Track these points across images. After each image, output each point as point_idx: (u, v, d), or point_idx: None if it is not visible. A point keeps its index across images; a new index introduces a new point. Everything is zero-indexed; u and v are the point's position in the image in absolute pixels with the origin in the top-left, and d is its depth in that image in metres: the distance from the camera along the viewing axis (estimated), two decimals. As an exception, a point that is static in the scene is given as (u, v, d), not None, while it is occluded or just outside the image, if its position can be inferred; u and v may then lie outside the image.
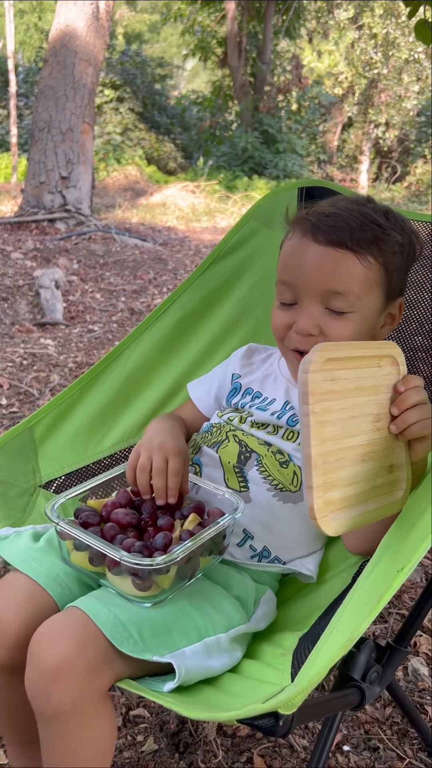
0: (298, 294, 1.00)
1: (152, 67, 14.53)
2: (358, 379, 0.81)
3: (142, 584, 0.84)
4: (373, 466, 0.83)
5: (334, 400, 0.77)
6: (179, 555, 0.83)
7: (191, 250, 6.64)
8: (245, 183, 11.58)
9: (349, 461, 0.79)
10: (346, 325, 0.99)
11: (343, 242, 0.97)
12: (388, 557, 0.74)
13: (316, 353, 0.75)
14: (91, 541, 0.85)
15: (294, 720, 0.63)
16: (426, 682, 1.40)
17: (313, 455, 0.74)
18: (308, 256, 0.99)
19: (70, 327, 3.87)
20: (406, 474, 0.88)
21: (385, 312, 1.05)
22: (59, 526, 0.88)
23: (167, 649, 0.82)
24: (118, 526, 0.93)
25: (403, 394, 0.86)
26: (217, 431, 1.12)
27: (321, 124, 15.45)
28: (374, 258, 0.98)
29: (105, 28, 6.67)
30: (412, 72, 14.23)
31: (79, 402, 1.27)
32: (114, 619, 0.81)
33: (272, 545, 1.04)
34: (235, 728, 1.28)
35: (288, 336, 1.03)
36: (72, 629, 0.79)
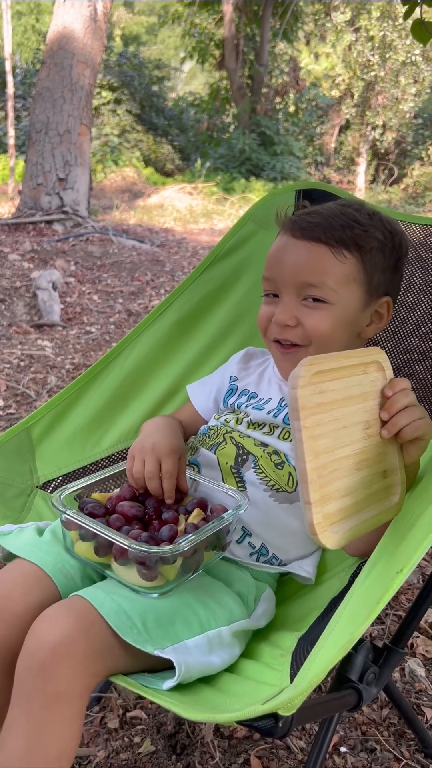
0: (278, 287, 1.05)
1: (150, 68, 14.54)
2: (346, 389, 0.81)
3: (149, 574, 0.84)
4: (368, 474, 0.83)
5: (324, 413, 0.77)
6: (186, 546, 0.84)
7: (189, 251, 6.64)
8: (243, 185, 11.59)
9: (343, 472, 0.79)
10: (323, 315, 1.02)
11: (317, 237, 1.02)
12: (387, 558, 0.75)
13: (304, 368, 0.75)
14: (99, 530, 0.86)
15: (293, 721, 0.63)
16: (423, 684, 1.40)
17: (308, 470, 0.73)
18: (286, 251, 1.05)
19: (67, 328, 3.87)
20: (401, 477, 0.88)
21: (369, 309, 1.07)
22: (66, 515, 0.89)
23: (170, 640, 0.83)
24: (123, 518, 0.93)
25: (391, 398, 0.86)
26: (214, 433, 1.13)
27: (318, 126, 15.48)
28: (350, 253, 1.02)
29: (102, 30, 6.68)
30: (409, 74, 14.27)
31: (77, 403, 1.27)
32: (118, 608, 0.81)
33: (270, 543, 1.05)
34: (233, 729, 1.28)
35: (269, 328, 1.07)
36: (77, 614, 0.79)
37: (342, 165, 15.96)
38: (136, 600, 0.84)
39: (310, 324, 1.02)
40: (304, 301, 1.03)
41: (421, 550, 0.65)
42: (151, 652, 0.80)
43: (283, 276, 1.04)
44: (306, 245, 1.03)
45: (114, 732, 1.28)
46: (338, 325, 1.03)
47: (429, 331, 1.30)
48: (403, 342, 1.33)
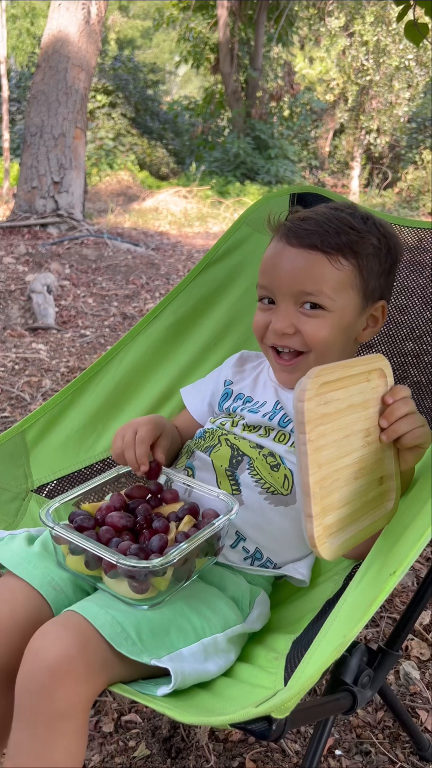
0: (274, 295, 1.05)
1: (144, 72, 14.56)
2: (349, 398, 0.81)
3: (139, 586, 0.84)
4: (365, 482, 0.83)
5: (328, 423, 0.77)
6: (176, 557, 0.83)
7: (183, 255, 6.65)
8: (237, 188, 11.62)
9: (342, 482, 0.79)
10: (321, 323, 1.02)
11: (314, 244, 1.01)
12: (380, 561, 0.75)
13: (311, 380, 0.74)
14: (87, 545, 0.85)
15: (287, 724, 0.63)
16: (417, 686, 1.40)
17: (311, 484, 0.73)
18: (282, 258, 1.04)
19: (62, 332, 3.86)
20: (396, 483, 0.88)
21: (365, 314, 1.08)
22: (54, 531, 0.88)
23: (165, 650, 0.82)
24: (113, 529, 0.93)
25: (392, 405, 0.86)
26: (210, 436, 1.13)
27: (313, 130, 15.53)
28: (346, 260, 1.02)
29: (97, 33, 6.68)
30: (402, 79, 14.33)
31: (71, 407, 1.27)
32: (112, 620, 0.81)
33: (265, 547, 1.05)
34: (228, 733, 1.28)
35: (266, 335, 1.07)
36: (73, 630, 0.79)
37: (336, 169, 16.01)
38: (130, 611, 0.84)
39: (308, 331, 1.02)
40: (301, 309, 1.03)
41: (414, 552, 0.65)
42: (147, 662, 0.80)
43: (280, 284, 1.03)
44: (302, 253, 1.02)
45: (109, 736, 1.28)
46: (336, 332, 1.03)
47: (423, 334, 1.30)
48: (397, 345, 1.33)
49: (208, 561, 0.95)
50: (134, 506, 0.99)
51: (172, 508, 1.00)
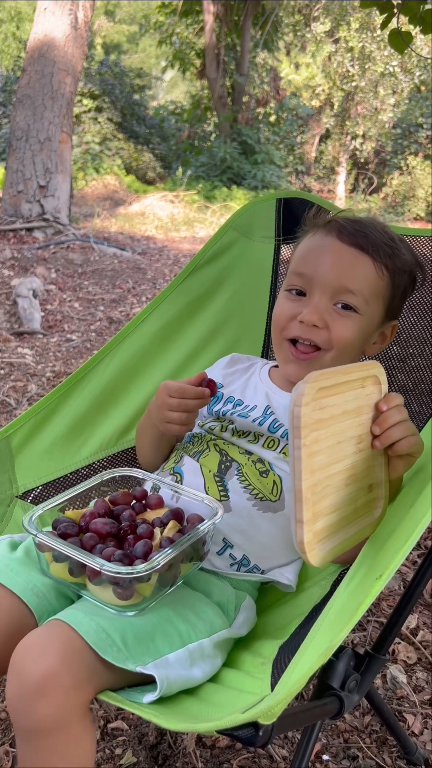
0: (311, 285, 1.04)
1: (131, 77, 14.57)
2: (344, 404, 0.81)
3: (124, 593, 0.83)
4: (355, 489, 0.83)
5: (322, 429, 0.77)
6: (160, 562, 0.82)
7: (170, 259, 6.65)
8: (224, 193, 11.64)
9: (333, 488, 0.79)
10: (350, 324, 1.02)
11: (364, 246, 1.03)
12: (367, 565, 0.75)
13: (308, 385, 0.74)
14: (70, 552, 0.84)
15: (273, 730, 0.62)
16: (404, 690, 1.41)
17: (304, 489, 0.73)
18: (329, 250, 1.04)
19: (47, 336, 3.85)
20: (384, 492, 0.88)
21: (380, 329, 1.10)
22: (38, 538, 0.87)
23: (150, 656, 0.82)
24: (97, 535, 0.92)
25: (385, 413, 0.86)
26: (198, 441, 1.12)
27: (299, 135, 15.60)
28: (387, 270, 1.04)
29: (83, 38, 6.68)
30: (387, 85, 14.46)
31: (57, 411, 1.26)
32: (97, 626, 0.80)
33: (252, 553, 1.04)
34: (215, 739, 1.27)
35: (289, 326, 1.05)
36: (57, 642, 0.78)
37: (322, 174, 16.10)
38: (115, 618, 0.83)
39: (337, 330, 1.02)
40: (334, 306, 1.03)
41: (400, 556, 0.65)
42: (132, 669, 0.79)
43: (321, 275, 1.03)
44: (351, 251, 1.03)
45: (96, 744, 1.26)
46: (360, 337, 1.04)
47: (408, 339, 1.31)
48: (383, 350, 1.34)
49: (193, 566, 0.94)
50: (118, 512, 0.98)
51: (156, 514, 1.00)
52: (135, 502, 1.03)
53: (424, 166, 13.34)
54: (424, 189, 13.01)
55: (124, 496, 1.02)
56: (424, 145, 14.20)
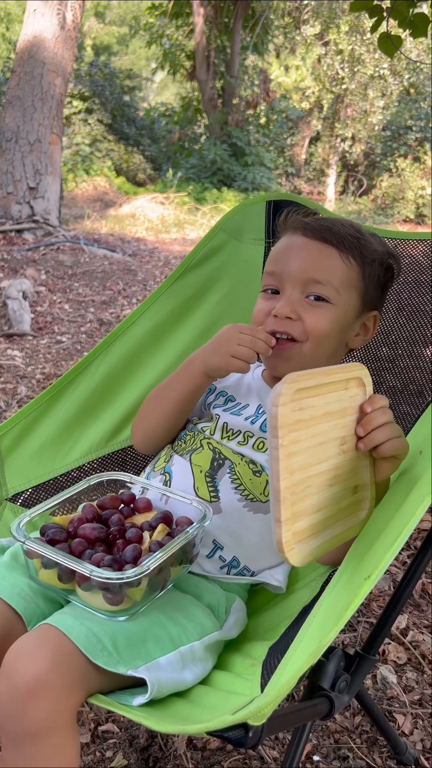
0: (282, 282, 1.07)
1: (121, 78, 14.56)
2: (326, 405, 0.80)
3: (114, 598, 0.83)
4: (339, 489, 0.83)
5: (302, 429, 0.76)
6: (150, 567, 0.82)
7: (161, 261, 6.64)
8: (214, 195, 11.65)
9: (315, 488, 0.79)
10: (323, 314, 1.05)
11: (328, 239, 1.06)
12: (355, 565, 0.75)
13: (286, 385, 0.73)
14: (59, 559, 0.83)
15: (263, 731, 0.62)
16: (394, 690, 1.41)
17: (282, 489, 0.73)
18: (296, 247, 1.08)
19: (37, 338, 3.83)
20: (370, 493, 0.88)
21: (360, 320, 1.11)
22: (26, 545, 0.87)
23: (142, 660, 0.82)
24: (86, 541, 0.91)
25: (369, 414, 0.86)
26: (191, 439, 1.12)
27: (289, 137, 15.65)
28: (355, 260, 1.07)
29: (73, 39, 6.67)
30: (377, 88, 14.52)
31: (47, 414, 1.26)
32: (87, 631, 0.80)
33: (241, 555, 1.04)
34: (206, 741, 1.27)
35: (266, 322, 1.08)
36: (48, 646, 0.77)
37: (312, 176, 16.15)
38: (105, 621, 0.83)
39: (310, 320, 1.04)
40: (306, 299, 1.05)
41: (389, 556, 0.66)
42: (123, 672, 0.79)
43: (290, 271, 1.06)
44: (316, 244, 1.07)
45: (85, 747, 1.26)
46: (336, 327, 1.06)
47: (398, 340, 1.32)
48: (372, 351, 1.34)
49: (182, 569, 0.94)
50: (107, 516, 0.98)
51: (145, 517, 0.99)
52: (123, 506, 1.02)
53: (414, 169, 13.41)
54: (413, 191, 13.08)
55: (112, 500, 1.02)
56: (414, 148, 14.29)
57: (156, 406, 1.18)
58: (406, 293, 1.32)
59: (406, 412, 1.26)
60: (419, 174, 13.30)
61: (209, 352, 1.08)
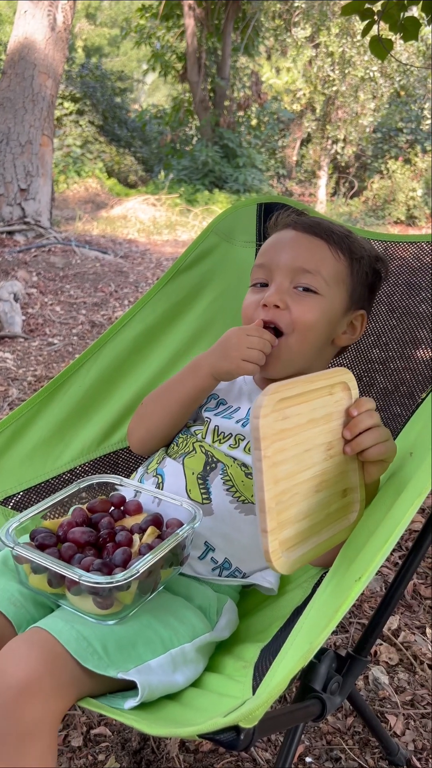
0: (271, 273, 1.09)
1: (112, 80, 14.55)
2: (310, 412, 0.80)
3: (104, 602, 0.83)
4: (327, 494, 0.83)
5: (287, 438, 0.76)
6: (139, 570, 0.82)
7: (152, 262, 6.64)
8: (206, 196, 11.65)
9: (302, 495, 0.78)
10: (311, 304, 1.06)
11: (318, 233, 1.09)
12: (346, 567, 0.75)
13: (267, 397, 0.73)
14: (48, 564, 0.83)
15: (255, 733, 0.62)
16: (386, 691, 1.41)
17: (267, 500, 0.72)
18: (285, 239, 1.11)
19: (29, 340, 3.82)
20: (360, 495, 0.88)
21: (347, 318, 1.12)
22: (15, 550, 0.86)
23: (132, 663, 0.82)
24: (75, 545, 0.90)
25: (356, 418, 0.86)
26: (184, 443, 1.12)
27: (280, 139, 15.67)
28: (343, 254, 1.09)
29: (64, 40, 6.66)
30: (367, 90, 14.58)
31: (38, 416, 1.25)
32: (77, 635, 0.79)
33: (233, 557, 1.04)
34: (198, 743, 1.27)
35: (254, 314, 1.09)
36: (38, 648, 0.77)
37: (304, 178, 16.19)
38: (96, 625, 0.83)
39: (297, 310, 1.05)
40: (295, 289, 1.06)
41: (380, 557, 0.66)
42: (114, 676, 0.79)
43: (279, 261, 1.08)
44: (306, 236, 1.09)
45: (78, 750, 1.26)
46: (323, 319, 1.07)
47: (389, 342, 1.32)
48: (363, 352, 1.35)
49: (173, 571, 0.94)
50: (97, 520, 0.97)
51: (135, 520, 0.99)
52: (113, 509, 1.02)
53: (404, 170, 13.47)
54: (404, 193, 13.13)
55: (101, 504, 1.01)
56: (404, 150, 14.35)
57: (159, 408, 1.17)
58: (397, 295, 1.32)
59: (397, 413, 1.27)
60: (410, 176, 13.35)
61: (218, 357, 1.08)
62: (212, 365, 1.09)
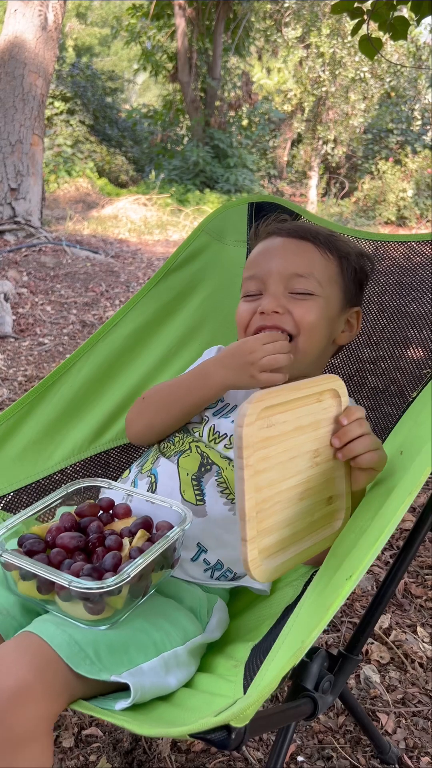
0: (264, 283, 1.09)
1: (103, 80, 14.51)
2: (297, 419, 0.79)
3: (95, 608, 0.81)
4: (311, 502, 0.82)
5: (272, 446, 0.75)
6: (130, 574, 0.81)
7: (143, 262, 6.63)
8: (197, 196, 11.65)
9: (285, 503, 0.78)
10: (311, 305, 1.06)
11: (304, 235, 1.10)
12: (337, 566, 0.75)
13: (251, 405, 0.72)
14: (37, 570, 0.82)
15: (246, 732, 0.62)
16: (377, 690, 1.42)
17: (247, 509, 0.72)
18: (273, 247, 1.11)
19: (19, 340, 3.81)
20: (346, 503, 0.88)
21: (344, 316, 1.13)
22: (3, 557, 0.85)
23: (124, 666, 0.81)
24: (64, 550, 0.89)
25: (345, 427, 0.85)
26: (180, 441, 1.12)
27: (271, 139, 15.68)
28: (331, 254, 1.10)
29: (54, 39, 6.63)
30: (358, 91, 14.60)
31: (29, 416, 1.25)
32: (69, 639, 0.79)
33: (225, 558, 1.04)
34: (190, 743, 1.27)
35: (251, 322, 1.08)
36: (29, 654, 0.76)
37: (294, 178, 16.20)
38: (87, 629, 0.82)
39: (298, 312, 1.05)
40: (291, 294, 1.07)
41: (370, 556, 0.66)
42: (107, 679, 0.78)
43: (271, 269, 1.08)
44: (293, 241, 1.10)
45: (69, 751, 1.25)
46: (323, 319, 1.07)
47: (380, 341, 1.32)
48: (354, 352, 1.35)
49: (164, 574, 0.93)
50: (86, 524, 0.96)
51: (124, 523, 0.97)
52: (102, 513, 1.00)
53: (395, 171, 13.50)
54: (394, 193, 13.16)
55: (90, 507, 1.00)
56: (395, 150, 14.39)
57: (162, 409, 1.15)
58: (387, 295, 1.33)
59: (387, 412, 1.27)
60: (400, 176, 13.38)
61: (235, 371, 1.03)
62: (227, 378, 1.05)
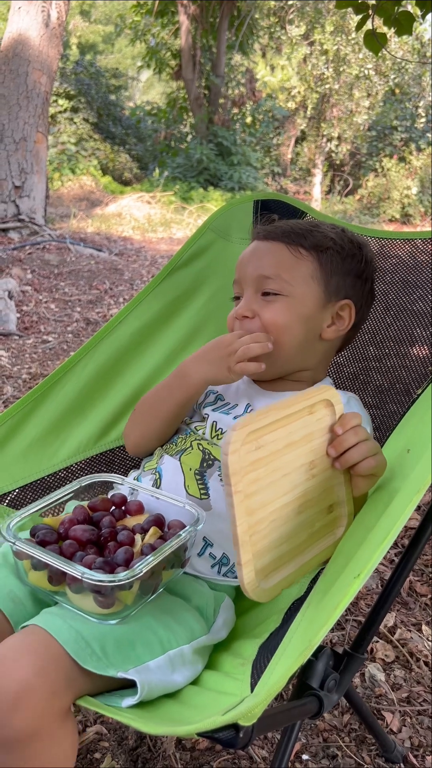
0: (241, 287, 1.14)
1: (107, 77, 14.50)
2: (287, 436, 0.78)
3: (105, 601, 0.81)
4: (311, 514, 0.81)
5: (261, 467, 0.74)
6: (142, 570, 0.81)
7: (147, 260, 6.63)
8: (201, 194, 11.64)
9: (282, 520, 0.77)
10: (279, 307, 1.08)
11: (276, 237, 1.12)
12: (344, 564, 0.75)
13: (235, 432, 0.71)
14: (50, 560, 0.82)
15: (254, 731, 0.62)
16: (382, 688, 1.42)
17: (240, 533, 0.71)
18: (249, 250, 1.15)
19: (23, 338, 3.81)
20: (348, 509, 0.87)
21: (329, 310, 1.12)
22: (16, 546, 0.85)
23: (131, 663, 0.81)
24: (77, 542, 0.89)
25: (340, 436, 0.84)
26: (182, 441, 1.12)
27: (275, 137, 15.67)
28: (306, 250, 1.10)
29: (58, 37, 6.63)
30: (362, 88, 14.57)
31: (33, 414, 1.25)
32: (76, 634, 0.79)
33: (231, 552, 1.04)
34: (195, 741, 1.27)
35: (233, 327, 1.14)
36: (33, 650, 0.76)
37: (298, 176, 16.18)
38: (94, 624, 0.82)
39: (266, 316, 1.08)
40: (263, 296, 1.10)
41: (378, 554, 0.65)
42: (113, 675, 0.78)
43: (245, 273, 1.12)
44: (264, 244, 1.13)
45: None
46: (295, 319, 1.08)
47: (384, 339, 1.32)
48: (359, 350, 1.35)
49: (174, 573, 0.93)
50: (98, 518, 0.96)
51: (137, 520, 0.98)
52: (114, 508, 1.01)
53: (399, 169, 13.48)
54: (398, 191, 13.14)
55: (103, 502, 1.00)
56: (399, 148, 14.35)
57: (150, 416, 1.18)
58: (392, 293, 1.32)
59: (392, 410, 1.27)
60: (405, 174, 13.36)
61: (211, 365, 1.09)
62: (205, 373, 1.10)
